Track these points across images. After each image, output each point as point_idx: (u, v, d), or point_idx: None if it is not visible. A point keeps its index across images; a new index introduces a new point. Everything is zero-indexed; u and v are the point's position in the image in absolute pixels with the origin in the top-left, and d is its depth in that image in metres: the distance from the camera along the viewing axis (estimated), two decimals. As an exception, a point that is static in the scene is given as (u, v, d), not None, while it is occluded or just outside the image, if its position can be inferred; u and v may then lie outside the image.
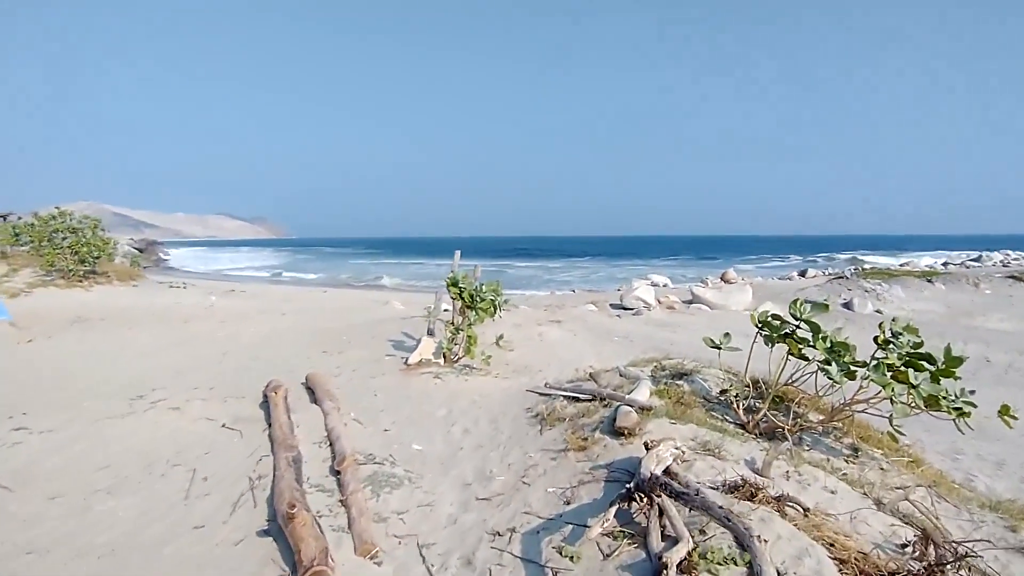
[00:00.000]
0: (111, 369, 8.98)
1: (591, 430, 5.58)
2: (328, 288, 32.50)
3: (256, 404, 6.83)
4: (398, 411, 6.96)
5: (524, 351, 11.22)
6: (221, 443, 5.63)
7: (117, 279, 23.97)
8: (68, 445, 5.46)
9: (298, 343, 11.64)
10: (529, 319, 15.71)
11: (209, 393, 7.34)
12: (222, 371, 8.88)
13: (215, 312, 16.98)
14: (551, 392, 7.31)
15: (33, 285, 20.56)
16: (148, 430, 5.88)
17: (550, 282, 43.39)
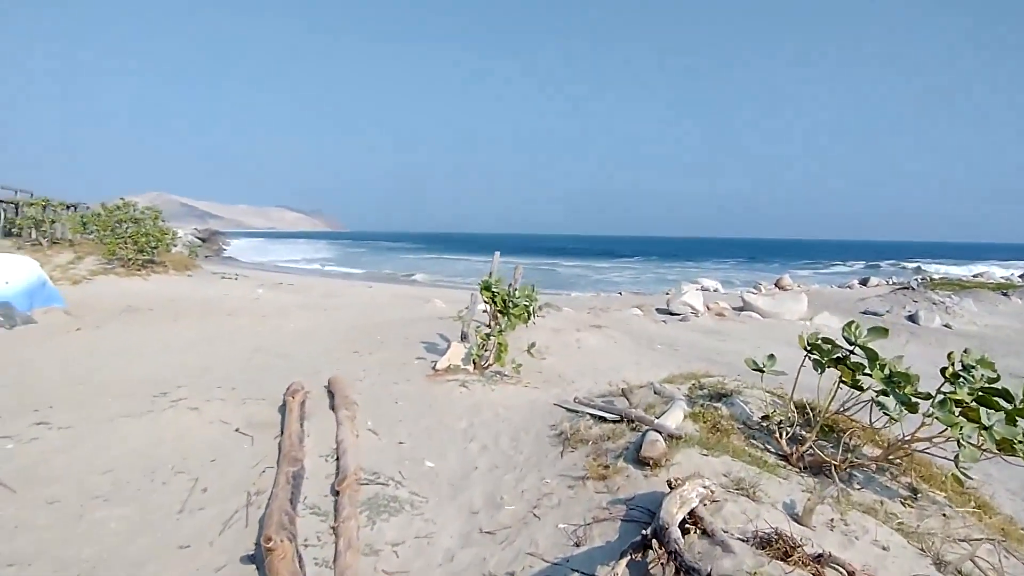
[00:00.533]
0: (144, 363, 9.07)
1: (615, 457, 5.14)
2: (373, 283, 32.82)
3: (275, 407, 6.68)
4: (417, 422, 6.69)
5: (559, 359, 10.81)
6: (229, 450, 5.47)
7: (173, 269, 24.80)
8: (80, 444, 5.42)
9: (331, 341, 11.58)
10: (569, 323, 15.24)
11: (230, 393, 7.24)
12: (250, 369, 8.83)
13: (259, 306, 17.23)
14: (578, 408, 6.90)
15: (95, 273, 21.45)
16: (161, 431, 5.78)
17: (598, 283, 42.66)
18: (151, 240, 23.52)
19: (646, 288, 36.15)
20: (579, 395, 7.69)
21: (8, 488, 4.51)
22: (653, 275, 52.01)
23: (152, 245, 23.66)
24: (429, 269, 53.77)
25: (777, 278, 30.71)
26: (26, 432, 5.70)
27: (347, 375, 8.51)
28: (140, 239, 22.99)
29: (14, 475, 4.76)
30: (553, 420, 6.72)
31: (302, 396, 6.59)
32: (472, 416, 6.96)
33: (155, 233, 24.06)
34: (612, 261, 74.35)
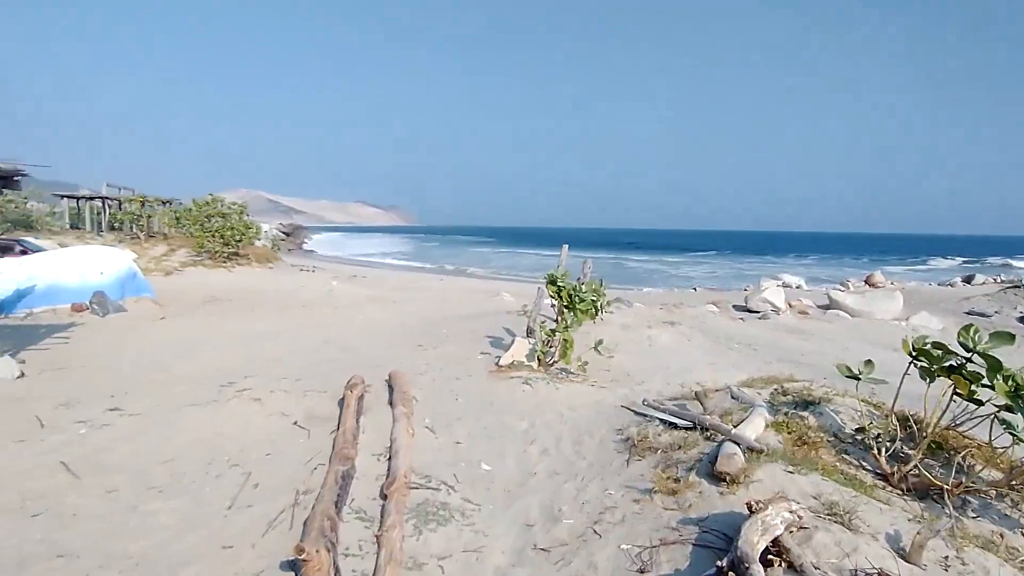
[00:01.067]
0: (218, 352, 9.32)
1: (686, 469, 4.65)
2: (444, 276, 33.14)
3: (335, 401, 6.60)
4: (476, 420, 6.42)
5: (628, 356, 10.29)
6: (285, 444, 5.39)
7: (256, 261, 25.91)
8: (146, 432, 5.50)
9: (397, 334, 11.56)
10: (641, 319, 14.61)
11: (294, 385, 7.24)
12: (316, 361, 8.88)
13: (332, 298, 17.62)
14: (647, 412, 6.42)
15: (185, 265, 22.70)
16: (222, 422, 5.80)
17: (671, 279, 41.26)
18: (236, 234, 24.65)
19: (723, 284, 34.58)
20: (649, 397, 7.20)
21: (73, 474, 4.59)
22: (730, 271, 49.84)
23: (236, 239, 24.80)
24: (499, 263, 53.82)
25: (867, 274, 28.55)
26: (100, 417, 5.87)
27: (409, 369, 8.38)
28: (226, 233, 24.15)
29: (82, 460, 4.85)
30: (620, 424, 6.29)
31: (360, 390, 6.48)
32: (534, 416, 6.62)
33: (240, 227, 25.20)
34: (686, 256, 71.95)
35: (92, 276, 12.25)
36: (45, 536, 3.75)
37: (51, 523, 3.90)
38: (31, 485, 4.41)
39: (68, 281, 12.00)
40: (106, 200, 28.18)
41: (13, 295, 11.39)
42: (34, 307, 11.54)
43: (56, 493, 4.30)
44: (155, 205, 28.10)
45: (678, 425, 5.65)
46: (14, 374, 7.27)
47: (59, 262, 12.33)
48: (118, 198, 27.92)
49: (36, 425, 5.63)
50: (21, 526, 3.86)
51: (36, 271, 11.92)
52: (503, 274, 40.32)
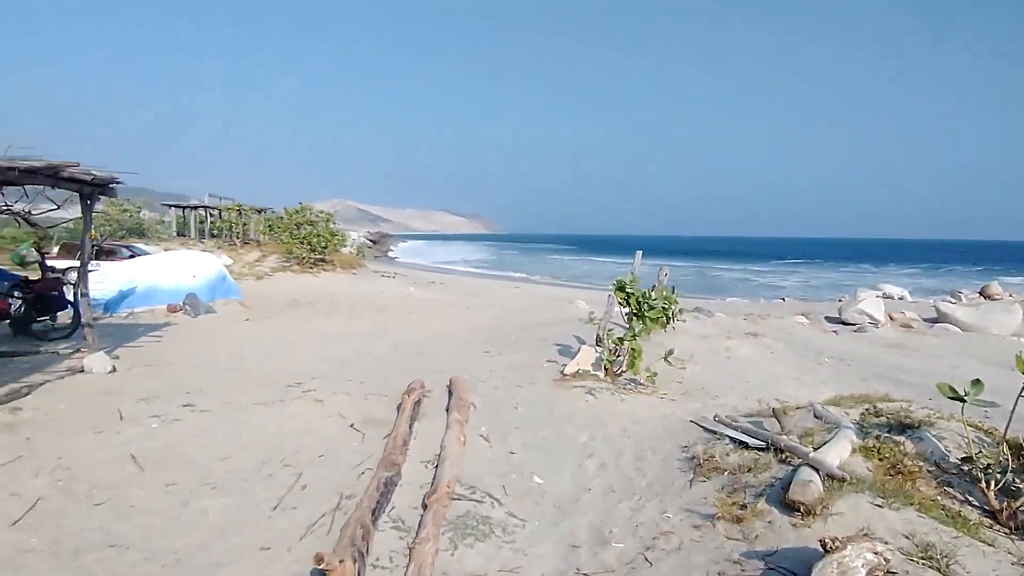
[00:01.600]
0: (292, 353, 9.65)
1: (755, 494, 4.21)
2: (520, 283, 33.12)
3: (395, 404, 6.60)
4: (534, 430, 6.20)
5: (704, 368, 9.72)
6: (339, 446, 5.40)
7: (341, 267, 26.92)
8: (212, 429, 5.68)
9: (466, 340, 11.55)
10: (720, 330, 13.85)
11: (357, 387, 7.33)
12: (383, 365, 8.98)
13: (408, 303, 17.96)
14: (717, 429, 5.95)
15: (275, 270, 23.91)
16: (283, 422, 5.91)
17: (758, 288, 39.23)
18: (322, 241, 25.75)
19: (815, 294, 32.44)
20: (722, 413, 6.70)
21: (139, 467, 4.78)
22: (824, 280, 46.77)
23: (323, 245, 25.88)
24: (577, 270, 53.32)
25: (982, 285, 25.81)
26: (173, 412, 6.13)
27: (472, 375, 8.29)
28: (312, 240, 25.28)
29: (149, 453, 5.06)
30: (687, 440, 5.86)
31: (417, 395, 6.43)
32: (595, 428, 6.31)
33: (326, 235, 26.30)
34: (776, 264, 68.33)
35: (186, 279, 13.08)
36: (103, 526, 3.88)
37: (110, 514, 4.05)
38: (101, 475, 4.62)
39: (164, 283, 12.88)
40: (208, 209, 30.28)
41: (117, 296, 12.36)
42: (135, 307, 12.46)
43: (121, 484, 4.47)
44: (250, 214, 29.88)
45: (750, 445, 5.17)
46: (107, 369, 7.78)
47: (157, 266, 13.29)
48: (218, 207, 29.93)
49: (116, 417, 5.95)
50: (84, 515, 4.03)
51: (137, 274, 12.89)
52: (580, 281, 39.85)
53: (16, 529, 3.86)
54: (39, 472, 4.63)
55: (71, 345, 9.17)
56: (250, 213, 29.92)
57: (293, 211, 26.85)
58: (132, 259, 15.64)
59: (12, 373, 7.53)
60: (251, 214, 30.07)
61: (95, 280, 12.47)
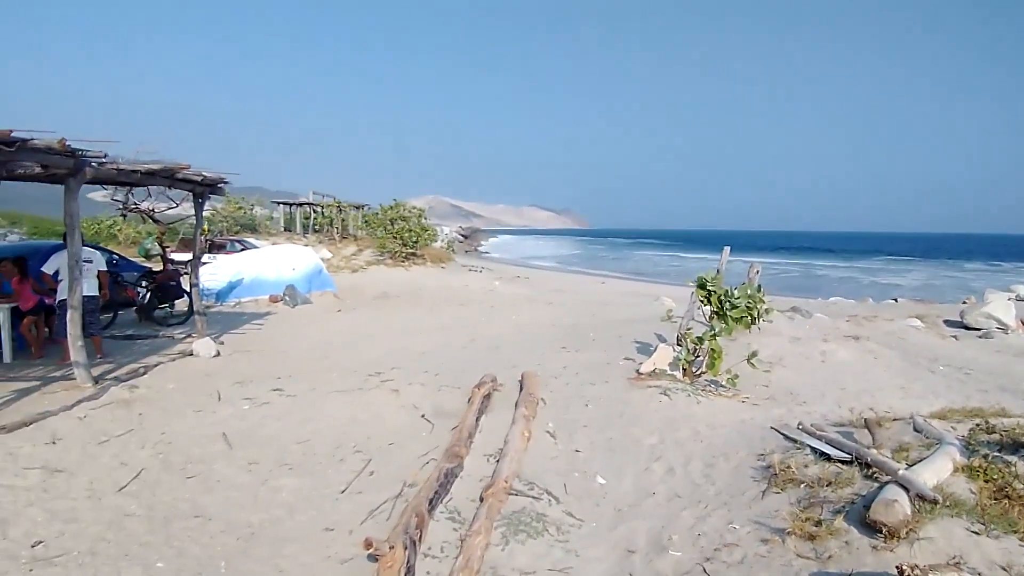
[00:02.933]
0: (376, 343, 10.10)
1: (833, 511, 3.90)
2: (606, 279, 32.67)
3: (466, 397, 6.71)
4: (602, 429, 6.09)
5: (793, 373, 9.13)
6: (409, 435, 5.58)
7: (431, 261, 27.77)
8: (296, 412, 6.06)
9: (544, 336, 11.55)
10: (817, 332, 12.97)
11: (432, 379, 7.53)
12: (459, 357, 9.17)
13: (491, 297, 18.22)
14: (799, 438, 5.57)
15: (370, 263, 25.04)
16: (359, 410, 6.19)
17: (867, 287, 36.28)
18: (413, 236, 26.65)
19: (936, 295, 29.56)
20: (807, 421, 6.27)
21: (228, 445, 5.17)
22: (946, 279, 42.54)
23: (414, 240, 26.78)
24: (667, 266, 51.88)
25: None
26: (263, 396, 6.61)
27: (546, 371, 8.28)
28: (405, 235, 26.22)
29: (239, 433, 5.48)
30: (764, 448, 5.53)
31: (487, 389, 6.51)
32: (666, 431, 6.11)
33: (417, 230, 27.19)
34: (886, 261, 62.95)
35: (286, 272, 14.01)
36: (192, 497, 4.24)
37: (199, 486, 4.42)
38: (195, 450, 5.05)
39: (268, 275, 13.86)
40: (312, 206, 32.20)
41: (226, 287, 13.44)
42: (242, 297, 13.50)
43: (211, 460, 4.87)
44: (349, 210, 31.45)
45: (832, 456, 4.80)
46: (212, 353, 8.50)
47: (262, 259, 14.32)
48: (320, 204, 31.77)
49: (215, 398, 6.50)
50: (177, 485, 4.43)
51: (244, 267, 13.96)
52: (668, 278, 38.74)
53: (122, 495, 4.30)
54: (145, 445, 5.14)
55: (185, 330, 10.10)
56: (348, 209, 31.50)
57: (388, 207, 27.95)
58: (241, 252, 16.95)
59: (134, 354, 8.40)
60: (349, 210, 31.65)
61: (208, 272, 13.65)
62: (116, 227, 27.86)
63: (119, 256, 13.68)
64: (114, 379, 7.00)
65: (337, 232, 29.97)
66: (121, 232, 27.88)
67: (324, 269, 15.66)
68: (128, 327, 10.26)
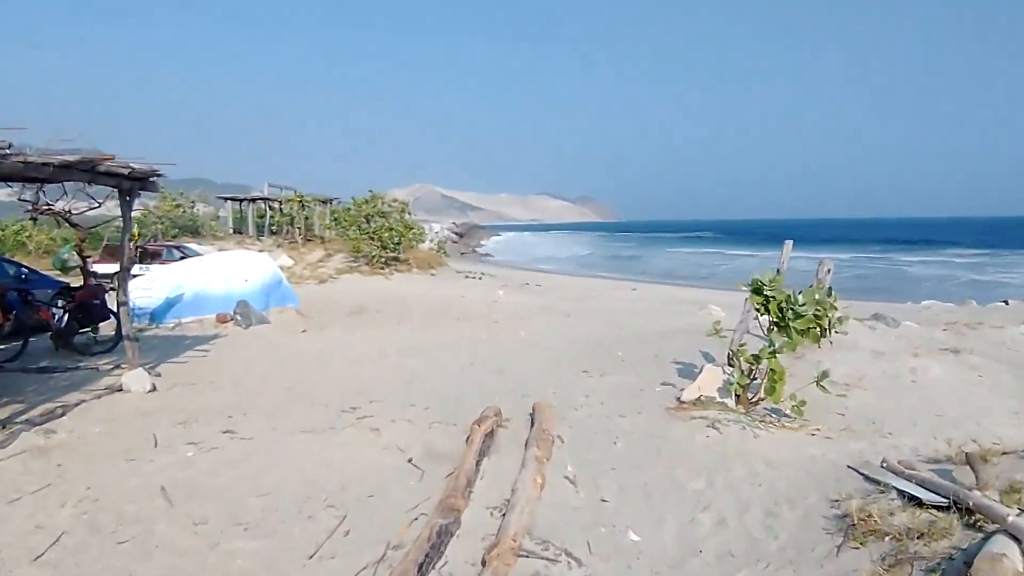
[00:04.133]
0: (351, 370, 10.18)
1: (926, 569, 3.92)
2: (638, 283, 32.73)
3: (464, 435, 6.77)
4: (636, 472, 6.13)
5: (876, 396, 9.16)
6: (392, 485, 5.62)
7: (417, 267, 27.94)
8: (252, 458, 6.12)
9: (562, 356, 11.62)
10: (904, 344, 12.97)
11: (421, 414, 7.59)
12: (456, 386, 9.24)
13: (494, 309, 18.29)
14: (882, 479, 5.59)
15: (341, 271, 25.24)
16: (331, 454, 6.26)
17: (970, 286, 36.18)
18: (395, 236, 26.79)
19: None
20: (893, 456, 6.28)
21: (169, 500, 5.23)
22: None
23: (396, 241, 26.94)
24: (711, 265, 51.89)
25: None
26: (211, 439, 6.67)
27: (564, 401, 8.37)
28: (384, 235, 26.38)
29: (182, 485, 5.53)
30: (839, 492, 5.56)
31: (490, 425, 6.56)
32: (716, 472, 6.14)
33: (399, 228, 27.34)
34: (993, 252, 62.65)
35: (237, 284, 14.12)
36: (125, 566, 4.30)
37: (135, 552, 4.47)
38: (128, 508, 5.11)
39: (215, 289, 13.96)
40: (268, 202, 32.47)
41: (164, 304, 13.56)
42: (183, 317, 13.61)
43: (148, 519, 4.93)
44: (314, 206, 31.69)
45: (925, 501, 4.81)
46: (146, 387, 8.57)
47: (208, 269, 14.45)
48: (278, 199, 32.02)
49: (151, 443, 6.56)
50: (107, 552, 4.49)
51: (186, 279, 14.08)
52: (715, 281, 38.74)
53: (38, 565, 4.36)
54: (66, 502, 5.20)
55: (112, 360, 10.18)
56: (313, 205, 31.75)
57: (362, 201, 28.14)
58: (181, 261, 17.10)
59: (50, 391, 8.49)
60: (315, 206, 31.89)
61: (140, 287, 13.77)
62: (25, 233, 28.14)
63: (29, 269, 13.86)
64: (25, 422, 7.06)
65: (300, 233, 30.19)
66: (31, 240, 28.17)
67: (284, 280, 15.76)
68: (42, 357, 10.35)
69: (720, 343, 11.21)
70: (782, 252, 11.58)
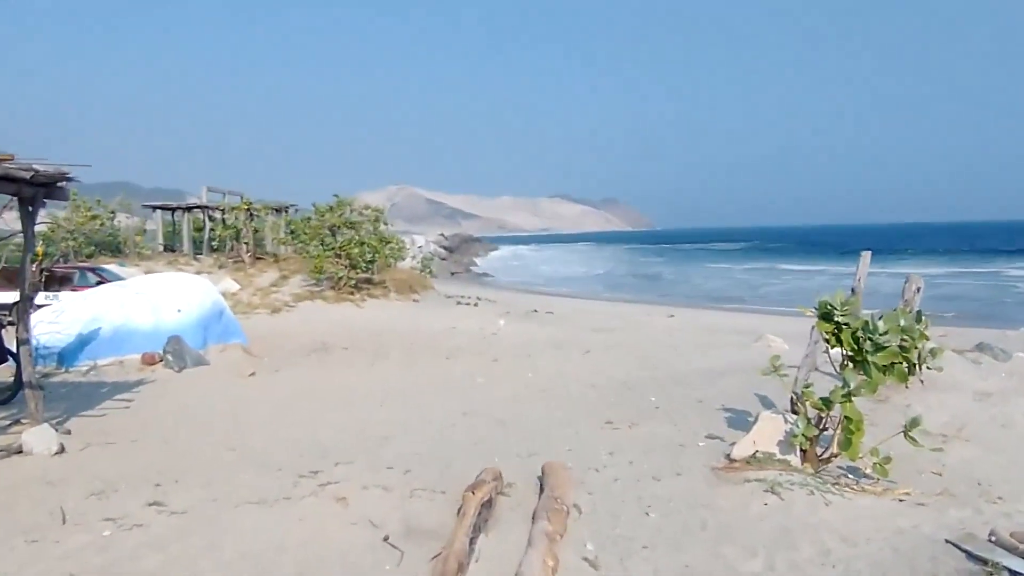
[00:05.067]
0: (311, 424, 10.26)
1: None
2: (675, 308, 32.77)
3: (454, 505, 6.77)
4: (674, 552, 6.12)
5: (981, 450, 9.23)
6: (365, 571, 5.62)
7: (396, 291, 28.05)
8: (184, 539, 6.11)
9: (579, 402, 11.70)
10: (1018, 381, 12.99)
11: (401, 478, 7.61)
12: (444, 441, 9.31)
13: (493, 344, 18.38)
14: (991, 557, 5.58)
15: (299, 297, 25.35)
16: (286, 531, 6.24)
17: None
18: (367, 252, 26.88)
19: None
20: (1005, 528, 6.29)
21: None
22: None
23: (368, 259, 27.03)
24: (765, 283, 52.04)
25: None
26: (134, 513, 6.67)
27: (580, 460, 8.39)
28: (354, 251, 26.42)
29: (96, 574, 5.50)
30: (937, 573, 5.56)
31: (487, 492, 6.56)
32: (776, 551, 6.14)
33: (373, 242, 27.47)
34: None
35: (168, 315, 14.19)
36: None
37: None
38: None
39: (140, 323, 14.03)
40: (207, 210, 32.63)
41: (75, 342, 13.61)
42: (99, 358, 13.65)
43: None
44: (266, 215, 31.85)
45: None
46: (52, 449, 8.58)
47: (130, 297, 14.50)
48: (220, 206, 32.14)
49: (58, 520, 6.55)
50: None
51: (103, 310, 14.13)
52: (771, 303, 38.78)
53: None
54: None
55: (10, 414, 10.22)
56: (265, 214, 31.91)
57: (325, 208, 28.27)
58: (98, 287, 17.15)
59: (-70, 454, 8.50)
60: (266, 216, 32.06)
61: (46, 320, 13.82)
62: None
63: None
64: (-101, 493, 7.08)
65: (248, 250, 30.32)
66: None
67: (228, 309, 15.83)
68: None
69: (780, 384, 11.20)
70: (858, 266, 11.63)
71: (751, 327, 23.95)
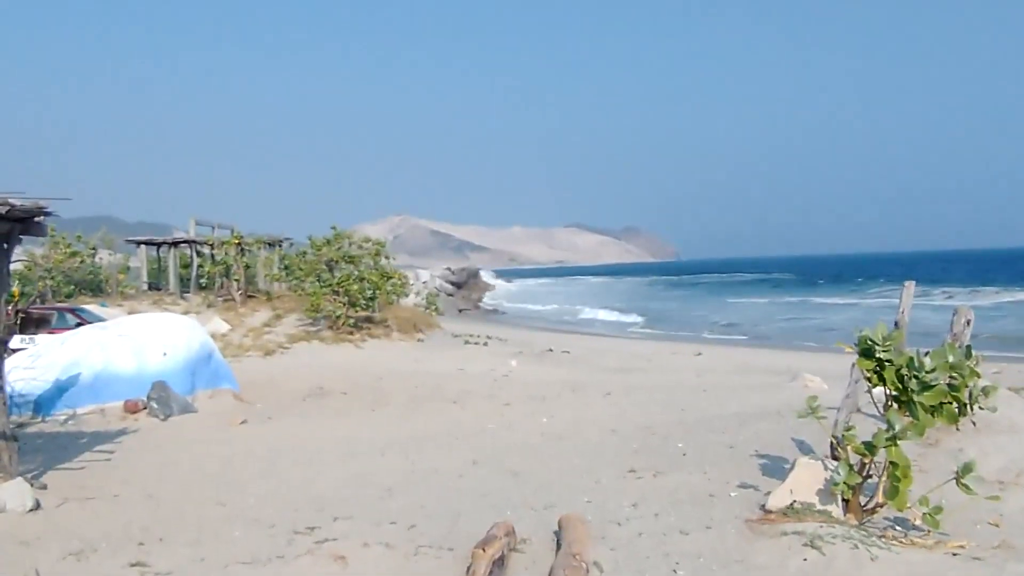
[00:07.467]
0: (302, 478, 10.25)
1: None
2: (704, 345, 32.69)
3: (462, 564, 6.74)
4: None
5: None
6: (366, 636, 5.58)
7: (399, 331, 28.07)
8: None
9: (600, 449, 11.67)
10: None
11: (405, 535, 7.58)
12: (451, 495, 9.27)
13: (504, 387, 18.37)
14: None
15: (295, 339, 25.41)
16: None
17: None
18: (367, 288, 26.96)
19: None
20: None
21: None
22: None
23: (369, 296, 27.10)
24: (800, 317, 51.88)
25: None
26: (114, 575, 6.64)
27: (601, 513, 8.34)
28: (353, 287, 26.49)
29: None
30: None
31: (499, 549, 6.53)
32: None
33: (374, 278, 27.56)
34: None
35: (153, 359, 14.24)
36: None
37: None
38: None
39: (122, 367, 14.08)
40: (194, 245, 32.86)
41: (53, 389, 13.65)
42: (78, 406, 13.69)
43: None
44: (258, 249, 32.05)
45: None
46: (27, 506, 8.57)
47: (112, 340, 14.56)
48: (208, 240, 32.36)
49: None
50: None
51: (83, 353, 14.19)
52: (807, 338, 38.63)
53: None
54: None
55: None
56: (257, 248, 32.12)
57: (322, 242, 28.43)
58: (77, 329, 17.23)
59: None
60: (259, 250, 32.26)
61: (22, 365, 13.88)
62: None
63: None
64: None
65: (239, 288, 30.47)
66: None
67: (217, 352, 15.87)
68: None
69: (819, 427, 11.16)
70: (901, 298, 11.56)
71: (786, 365, 23.85)
